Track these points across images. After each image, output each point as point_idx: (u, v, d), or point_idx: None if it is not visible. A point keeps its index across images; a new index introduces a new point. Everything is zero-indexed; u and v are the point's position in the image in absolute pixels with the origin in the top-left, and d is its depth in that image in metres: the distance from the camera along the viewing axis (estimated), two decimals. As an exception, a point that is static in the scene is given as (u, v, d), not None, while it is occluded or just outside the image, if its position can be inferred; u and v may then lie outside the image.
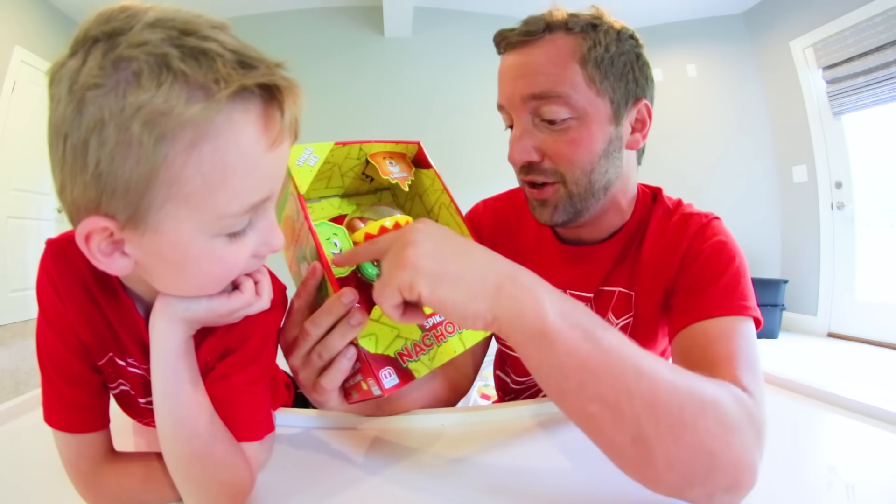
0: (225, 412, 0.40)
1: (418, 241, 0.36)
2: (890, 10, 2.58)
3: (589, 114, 0.54)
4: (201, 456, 0.38)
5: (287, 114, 0.32)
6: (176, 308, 0.37)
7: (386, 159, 0.54)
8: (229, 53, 0.29)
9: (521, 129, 0.57)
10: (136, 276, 0.36)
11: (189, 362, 0.39)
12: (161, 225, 0.31)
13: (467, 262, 0.35)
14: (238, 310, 0.38)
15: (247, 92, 0.30)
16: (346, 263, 0.45)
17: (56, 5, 3.35)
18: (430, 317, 0.46)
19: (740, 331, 0.49)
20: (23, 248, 3.10)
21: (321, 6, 3.66)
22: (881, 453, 0.50)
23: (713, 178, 3.57)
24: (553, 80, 0.53)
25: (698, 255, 0.56)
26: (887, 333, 2.74)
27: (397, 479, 0.46)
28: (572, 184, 0.57)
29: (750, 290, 0.53)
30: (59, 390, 0.39)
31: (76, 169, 0.29)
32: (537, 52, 0.55)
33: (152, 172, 0.29)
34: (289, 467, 0.48)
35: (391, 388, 0.42)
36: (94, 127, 0.28)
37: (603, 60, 0.54)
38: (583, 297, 0.65)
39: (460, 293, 0.34)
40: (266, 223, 0.36)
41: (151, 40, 0.28)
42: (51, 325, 0.39)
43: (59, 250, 0.39)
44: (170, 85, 0.28)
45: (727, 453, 0.34)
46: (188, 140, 0.29)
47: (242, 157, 0.31)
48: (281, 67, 0.32)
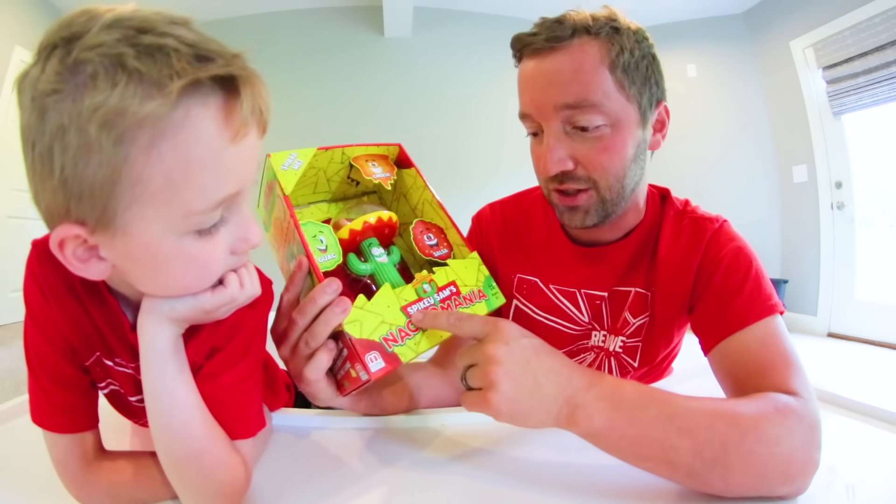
0: (217, 411, 0.40)
1: (502, 363, 0.41)
2: (890, 10, 2.58)
3: (621, 119, 0.54)
4: (196, 454, 0.38)
5: (246, 104, 0.32)
6: (162, 307, 0.37)
7: (368, 161, 0.56)
8: (185, 48, 0.29)
9: (553, 139, 0.55)
10: (119, 278, 0.36)
11: (179, 361, 0.38)
12: (129, 227, 0.31)
13: (537, 397, 0.41)
14: (224, 304, 0.38)
15: (203, 85, 0.30)
16: (424, 325, 0.47)
17: (56, 5, 3.34)
18: (413, 304, 0.47)
19: (773, 331, 0.51)
20: (23, 248, 3.01)
21: (321, 6, 3.66)
22: (881, 453, 0.50)
23: (713, 178, 3.56)
24: (587, 88, 0.53)
25: (718, 266, 0.57)
26: (887, 333, 2.73)
27: (397, 479, 0.46)
28: (605, 190, 0.57)
29: (770, 287, 0.55)
30: (47, 391, 0.39)
31: (44, 175, 0.29)
32: (566, 59, 0.53)
33: (115, 174, 0.29)
34: (288, 467, 0.48)
35: (377, 371, 0.43)
36: (57, 133, 0.28)
37: (629, 66, 0.54)
38: (597, 295, 0.66)
39: (528, 421, 0.42)
40: (240, 218, 0.36)
41: (107, 41, 0.28)
42: (37, 325, 0.39)
43: (44, 251, 0.39)
44: (125, 84, 0.27)
45: (775, 463, 0.39)
46: (147, 138, 0.28)
47: (204, 152, 0.31)
48: (239, 58, 0.32)
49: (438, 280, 0.50)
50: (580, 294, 0.67)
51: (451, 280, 0.51)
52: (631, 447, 0.40)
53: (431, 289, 0.49)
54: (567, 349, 0.69)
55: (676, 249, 0.61)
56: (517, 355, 0.42)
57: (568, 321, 0.68)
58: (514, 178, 1.34)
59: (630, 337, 0.65)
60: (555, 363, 0.42)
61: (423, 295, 0.48)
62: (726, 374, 0.53)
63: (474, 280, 0.53)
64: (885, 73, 2.66)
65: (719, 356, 0.54)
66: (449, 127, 3.59)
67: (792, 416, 0.41)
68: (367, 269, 0.51)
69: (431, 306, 0.48)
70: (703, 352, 0.57)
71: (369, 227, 0.52)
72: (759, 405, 0.43)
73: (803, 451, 0.40)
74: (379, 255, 0.52)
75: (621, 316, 0.65)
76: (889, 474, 0.46)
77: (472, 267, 0.54)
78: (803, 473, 0.40)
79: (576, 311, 0.67)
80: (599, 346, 0.68)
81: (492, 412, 0.41)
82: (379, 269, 0.51)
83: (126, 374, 0.43)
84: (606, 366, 0.68)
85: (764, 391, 0.45)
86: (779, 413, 0.42)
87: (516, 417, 0.41)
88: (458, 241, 0.57)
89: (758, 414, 0.41)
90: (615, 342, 0.67)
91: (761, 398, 0.44)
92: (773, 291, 0.55)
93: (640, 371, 0.68)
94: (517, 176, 1.70)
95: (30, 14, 3.17)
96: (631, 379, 0.68)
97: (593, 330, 0.68)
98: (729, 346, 0.53)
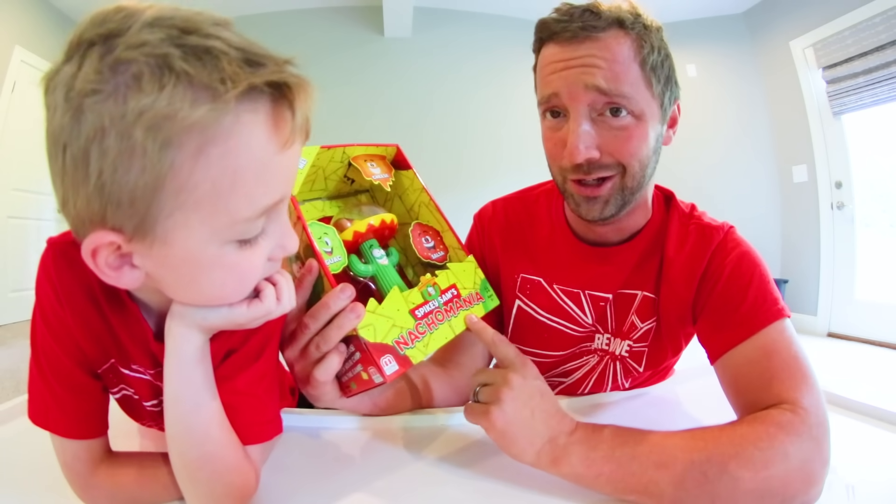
0: (230, 415, 0.40)
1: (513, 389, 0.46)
2: (890, 10, 2.58)
3: (645, 113, 0.54)
4: (211, 459, 0.38)
5: (298, 113, 0.31)
6: (194, 315, 0.36)
7: (367, 162, 0.56)
8: (234, 51, 0.28)
9: (582, 124, 0.53)
10: (147, 286, 0.34)
11: (205, 368, 0.38)
12: (170, 235, 0.29)
13: (527, 428, 0.45)
14: (258, 318, 0.37)
15: (255, 91, 0.28)
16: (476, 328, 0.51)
17: (56, 5, 3.34)
18: (420, 307, 0.48)
19: (779, 338, 0.51)
20: (23, 248, 3.10)
21: (321, 6, 3.66)
22: (881, 453, 0.50)
23: (713, 178, 3.56)
24: (620, 78, 0.52)
25: (721, 275, 0.56)
26: (887, 333, 2.73)
27: (398, 479, 0.46)
28: (630, 177, 0.55)
29: (776, 290, 0.54)
30: (58, 396, 0.38)
31: (77, 181, 0.28)
32: (601, 48, 0.52)
33: (158, 180, 0.27)
34: (290, 467, 0.48)
35: (392, 373, 0.44)
36: (95, 136, 0.26)
37: (657, 65, 0.54)
38: (602, 297, 0.65)
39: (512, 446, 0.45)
40: (279, 226, 0.35)
41: (150, 40, 0.26)
42: (49, 328, 0.38)
43: (61, 252, 0.38)
44: (173, 87, 0.26)
45: (770, 486, 0.39)
46: (195, 145, 0.27)
47: (253, 160, 0.29)
48: (290, 64, 0.31)
49: (441, 283, 0.51)
50: (584, 295, 0.66)
51: (452, 283, 0.52)
52: (609, 483, 0.42)
53: (435, 291, 0.50)
54: (569, 351, 0.68)
55: (681, 255, 0.61)
56: (527, 389, 0.46)
57: (571, 322, 0.67)
58: (515, 179, 1.33)
59: (637, 341, 0.65)
60: (551, 408, 0.47)
61: (428, 298, 0.49)
62: (731, 387, 0.52)
63: (472, 283, 0.55)
64: (885, 73, 2.66)
65: (724, 368, 0.53)
66: (449, 127, 3.59)
67: (785, 436, 0.41)
68: (368, 270, 0.51)
69: (437, 309, 0.49)
70: (710, 361, 0.56)
71: (372, 229, 0.53)
72: (747, 429, 0.43)
73: (802, 469, 0.40)
74: (380, 257, 0.53)
75: (627, 319, 0.64)
76: (889, 474, 0.46)
77: (470, 270, 0.56)
78: (806, 491, 0.40)
79: (579, 312, 0.67)
80: (603, 349, 0.67)
81: (487, 424, 0.45)
82: (380, 271, 0.52)
83: (143, 381, 0.42)
84: (611, 370, 0.68)
85: (767, 405, 0.45)
86: (768, 435, 0.41)
87: (505, 437, 0.44)
88: (454, 244, 0.58)
89: (742, 440, 0.41)
90: (621, 346, 0.66)
91: (753, 420, 0.44)
92: (778, 294, 0.54)
93: (644, 375, 0.68)
94: (517, 176, 1.70)
95: (30, 14, 3.17)
96: (634, 382, 0.68)
97: (597, 332, 0.67)
98: (733, 358, 0.52)
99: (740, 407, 0.50)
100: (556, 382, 0.72)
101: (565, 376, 0.71)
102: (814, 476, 0.40)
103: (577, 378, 0.70)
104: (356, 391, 0.48)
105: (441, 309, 0.50)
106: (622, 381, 0.68)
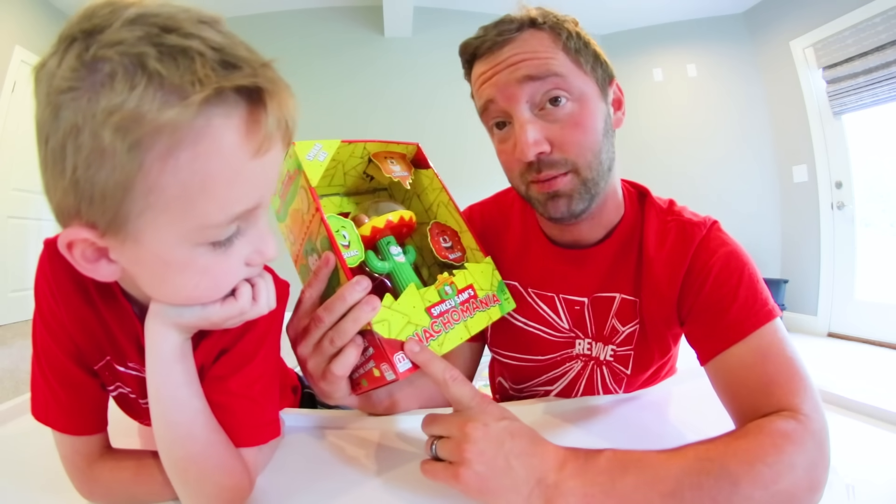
0: (222, 417, 0.40)
1: (477, 442, 0.40)
2: (890, 10, 2.58)
3: (585, 93, 0.54)
4: (197, 459, 0.38)
5: (272, 118, 0.30)
6: (169, 313, 0.36)
7: (388, 159, 0.55)
8: (211, 52, 0.27)
9: (524, 120, 0.53)
10: (130, 281, 0.35)
11: (184, 366, 0.38)
12: (141, 234, 0.29)
13: (508, 478, 0.40)
14: (233, 317, 0.37)
15: (227, 95, 0.28)
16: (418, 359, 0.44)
17: (56, 5, 3.34)
18: (436, 305, 0.48)
19: (772, 340, 0.49)
20: (23, 248, 3.10)
21: (321, 6, 3.66)
22: (881, 453, 0.50)
23: (713, 178, 3.56)
24: (548, 62, 0.53)
25: (707, 276, 0.54)
26: (887, 333, 2.73)
27: (398, 479, 0.46)
28: (585, 169, 0.54)
29: (765, 290, 0.53)
30: (57, 393, 0.39)
31: (56, 173, 0.28)
32: (520, 44, 0.54)
33: (128, 181, 0.27)
34: (290, 467, 0.48)
35: (405, 371, 0.43)
36: (70, 132, 0.26)
37: (580, 48, 0.55)
38: (577, 301, 0.63)
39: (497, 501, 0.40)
40: (256, 231, 0.35)
41: (127, 39, 0.26)
42: (47, 327, 0.39)
43: (55, 251, 0.38)
44: (144, 87, 0.26)
45: (779, 500, 0.38)
46: (164, 147, 0.27)
47: (224, 165, 0.29)
48: (268, 67, 0.30)
49: (458, 283, 0.51)
50: (559, 299, 0.64)
51: (470, 283, 0.52)
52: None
53: (452, 291, 0.50)
54: (551, 357, 0.67)
55: (662, 254, 0.59)
56: (493, 437, 0.41)
57: (548, 327, 0.66)
58: (515, 178, 1.32)
59: (621, 345, 0.63)
60: (527, 446, 0.42)
61: (445, 297, 0.49)
62: (725, 391, 0.51)
63: (489, 284, 0.54)
64: (885, 72, 2.66)
65: (717, 371, 0.52)
66: (449, 127, 3.58)
67: (791, 447, 0.40)
68: (385, 267, 0.51)
69: (453, 308, 0.49)
70: (699, 363, 0.54)
71: (390, 225, 0.52)
72: (753, 443, 0.41)
73: (807, 478, 0.40)
74: (397, 255, 0.52)
75: (607, 323, 0.63)
76: (889, 474, 0.46)
77: (487, 272, 0.55)
78: (810, 497, 0.40)
79: (555, 317, 0.65)
80: (586, 354, 0.65)
81: (461, 487, 0.40)
82: (397, 269, 0.51)
83: (137, 378, 0.42)
84: (599, 375, 0.66)
85: (767, 412, 0.45)
86: (775, 448, 0.40)
87: (485, 495, 0.40)
88: (472, 245, 0.57)
89: (751, 455, 0.40)
90: (604, 351, 0.64)
91: (759, 432, 0.42)
92: (768, 294, 0.52)
93: (640, 378, 0.66)
94: (517, 176, 1.69)
95: (30, 14, 3.17)
96: (626, 385, 0.66)
97: (577, 338, 0.65)
98: (726, 361, 0.51)
99: (738, 412, 0.49)
100: (543, 392, 0.70)
101: (551, 384, 0.69)
102: (818, 482, 0.40)
103: (563, 385, 0.68)
104: (367, 388, 0.47)
105: (457, 308, 0.49)
106: (613, 386, 0.66)
